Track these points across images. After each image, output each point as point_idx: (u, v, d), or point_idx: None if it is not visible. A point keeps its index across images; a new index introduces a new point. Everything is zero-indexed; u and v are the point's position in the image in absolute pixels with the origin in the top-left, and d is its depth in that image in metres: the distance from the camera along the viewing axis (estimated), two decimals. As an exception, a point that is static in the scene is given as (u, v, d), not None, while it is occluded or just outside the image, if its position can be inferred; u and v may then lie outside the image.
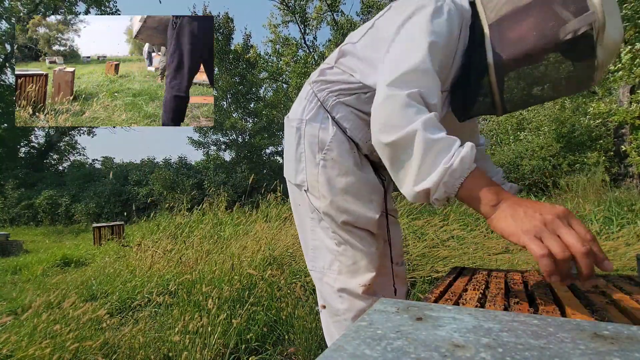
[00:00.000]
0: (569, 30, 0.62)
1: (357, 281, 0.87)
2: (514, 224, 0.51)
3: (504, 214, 0.53)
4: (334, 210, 0.86)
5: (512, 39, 0.69)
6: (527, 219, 0.50)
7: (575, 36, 0.61)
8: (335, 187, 0.85)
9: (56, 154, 17.13)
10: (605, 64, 0.63)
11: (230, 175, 10.97)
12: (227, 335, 1.65)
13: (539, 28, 0.65)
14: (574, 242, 0.46)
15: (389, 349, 0.31)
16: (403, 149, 0.62)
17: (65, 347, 1.43)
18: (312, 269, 0.95)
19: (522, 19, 0.68)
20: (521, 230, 0.50)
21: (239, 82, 12.24)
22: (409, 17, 0.73)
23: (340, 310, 0.89)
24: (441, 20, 0.71)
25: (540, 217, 0.49)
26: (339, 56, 0.88)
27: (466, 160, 0.57)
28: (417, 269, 2.47)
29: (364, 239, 0.87)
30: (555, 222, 0.49)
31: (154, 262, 2.90)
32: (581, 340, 0.30)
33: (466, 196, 0.58)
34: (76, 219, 11.09)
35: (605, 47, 0.61)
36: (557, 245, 0.46)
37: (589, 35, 0.61)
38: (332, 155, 0.85)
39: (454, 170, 0.56)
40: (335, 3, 13.56)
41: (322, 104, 0.87)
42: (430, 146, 0.58)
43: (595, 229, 3.04)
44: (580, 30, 0.61)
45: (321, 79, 0.89)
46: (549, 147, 7.47)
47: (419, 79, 0.65)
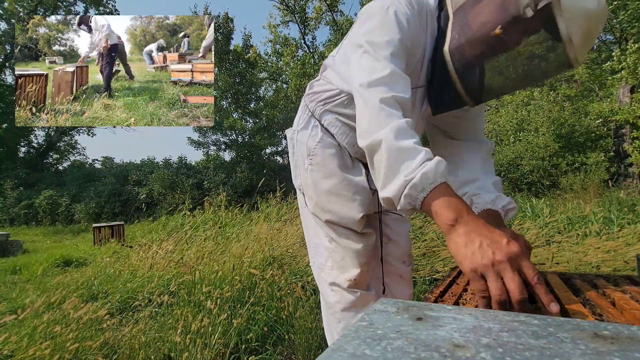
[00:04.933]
0: (525, 3, 0.59)
1: (345, 276, 0.93)
2: (465, 254, 0.52)
3: (459, 239, 0.53)
4: (319, 210, 0.94)
5: (474, 21, 0.68)
6: (479, 254, 0.50)
7: (536, 10, 0.58)
8: (319, 188, 0.93)
9: (56, 154, 17.12)
10: (579, 37, 0.57)
11: (230, 175, 10.97)
12: (228, 335, 1.65)
13: (499, 6, 0.63)
14: (513, 288, 0.47)
15: (389, 349, 0.31)
16: (374, 153, 0.63)
17: (66, 348, 1.43)
18: (313, 265, 1.04)
19: (484, 3, 0.67)
20: (470, 264, 0.51)
21: (239, 82, 12.24)
22: (363, 24, 0.76)
23: (332, 303, 0.97)
24: (391, 22, 0.71)
25: (492, 256, 0.50)
26: (323, 69, 0.97)
27: (429, 176, 0.56)
28: (417, 269, 2.47)
29: (349, 237, 0.93)
30: (502, 265, 0.49)
31: (154, 262, 2.90)
32: (581, 340, 0.30)
33: (427, 211, 0.58)
34: (76, 219, 11.09)
35: (571, 18, 0.56)
36: (497, 288, 0.48)
37: (549, 8, 0.57)
38: (317, 159, 0.93)
39: (415, 184, 0.57)
40: (334, 3, 13.56)
41: (312, 113, 0.96)
42: (394, 154, 0.59)
43: (595, 229, 3.04)
44: (540, 2, 0.57)
45: (311, 91, 0.98)
46: (548, 147, 7.47)
47: (389, 82, 0.66)
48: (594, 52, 9.70)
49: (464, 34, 0.69)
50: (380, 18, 0.72)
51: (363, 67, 0.70)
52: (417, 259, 2.61)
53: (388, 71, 0.67)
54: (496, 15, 0.64)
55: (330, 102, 0.92)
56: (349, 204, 0.90)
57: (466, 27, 0.69)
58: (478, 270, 0.50)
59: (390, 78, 0.67)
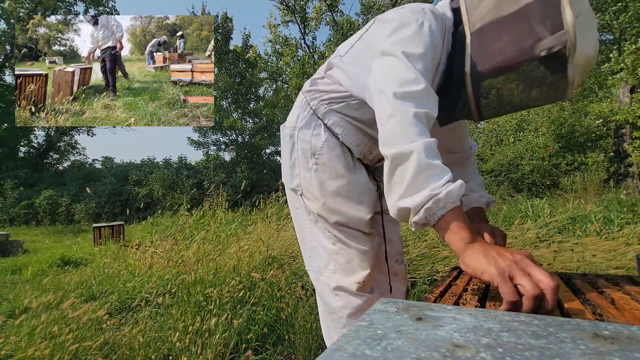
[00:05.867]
0: (543, 47, 0.64)
1: (352, 279, 0.91)
2: (486, 263, 0.54)
3: (476, 253, 0.57)
4: (326, 211, 0.91)
5: (491, 49, 0.70)
6: (500, 259, 0.53)
7: (549, 53, 0.63)
8: (326, 189, 0.91)
9: (56, 154, 17.12)
10: (577, 79, 0.64)
11: (230, 175, 10.97)
12: (228, 335, 1.65)
13: (516, 42, 0.67)
14: (543, 277, 0.49)
15: (389, 349, 0.31)
16: (399, 163, 0.65)
17: (65, 348, 1.43)
18: (310, 269, 1.00)
19: (502, 30, 0.69)
20: (495, 268, 0.52)
21: (239, 82, 12.24)
22: (393, 33, 0.75)
23: (337, 308, 0.93)
24: (425, 36, 0.73)
25: (512, 257, 0.53)
26: (328, 68, 0.94)
27: (453, 194, 0.59)
28: (417, 269, 2.47)
29: (357, 238, 0.91)
30: (525, 261, 0.52)
31: (153, 262, 2.90)
32: (581, 340, 0.30)
33: (444, 228, 0.61)
34: (76, 219, 11.09)
35: (576, 65, 0.62)
36: (529, 282, 0.50)
37: (562, 53, 0.62)
38: (324, 159, 0.91)
39: (438, 199, 0.59)
40: (334, 3, 13.56)
41: (314, 111, 0.94)
42: (423, 168, 0.61)
43: (595, 229, 3.04)
44: (555, 48, 0.62)
45: (313, 88, 0.95)
46: (547, 147, 7.47)
47: (424, 98, 0.68)
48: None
49: (482, 58, 0.71)
50: (415, 30, 0.73)
51: (395, 75, 0.70)
52: (417, 259, 2.61)
53: (423, 86, 0.68)
54: (512, 47, 0.67)
55: (337, 103, 0.90)
56: (356, 205, 0.90)
57: (484, 53, 0.71)
58: (505, 271, 0.51)
59: (423, 93, 0.68)
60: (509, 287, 0.50)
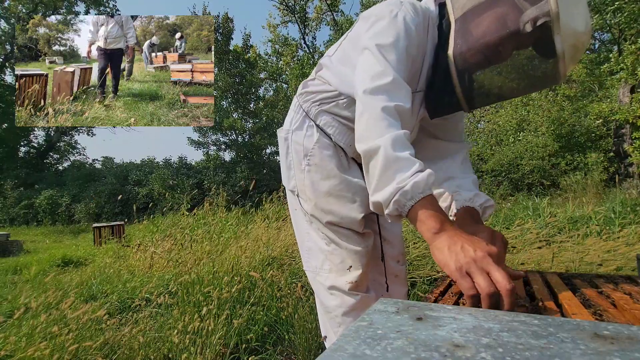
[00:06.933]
0: (526, 19, 0.63)
1: (345, 278, 0.91)
2: (449, 256, 0.55)
3: (442, 244, 0.57)
4: (318, 211, 0.92)
5: (475, 30, 0.70)
6: (462, 253, 0.54)
7: (534, 27, 0.62)
8: (318, 190, 0.91)
9: (56, 154, 17.12)
10: (568, 54, 0.62)
11: (230, 175, 10.96)
12: (228, 335, 1.65)
13: (500, 19, 0.67)
14: (500, 279, 0.50)
15: (389, 349, 0.31)
16: (370, 159, 0.66)
17: (65, 348, 1.42)
18: (307, 269, 1.01)
19: (485, 11, 0.69)
20: (454, 264, 0.54)
21: (239, 82, 12.24)
22: (370, 27, 0.76)
23: (332, 307, 0.94)
24: (398, 26, 0.73)
25: (474, 253, 0.53)
26: (318, 69, 0.95)
27: (420, 185, 0.59)
28: (417, 269, 2.47)
29: (350, 238, 0.92)
30: (486, 260, 0.53)
31: (153, 262, 2.90)
32: (581, 340, 0.30)
33: (414, 219, 0.61)
34: (76, 219, 11.09)
35: (564, 36, 0.61)
36: (484, 280, 0.51)
37: (547, 26, 0.61)
38: (315, 160, 0.91)
39: (405, 191, 0.60)
40: (335, 3, 13.56)
41: (306, 113, 0.95)
42: (391, 162, 0.62)
43: (596, 229, 3.04)
44: (539, 20, 0.61)
45: (305, 90, 0.96)
46: (547, 147, 7.47)
47: (394, 90, 0.68)
48: (594, 52, 9.70)
49: (466, 41, 0.71)
50: (389, 22, 0.73)
51: (367, 71, 0.71)
52: (417, 259, 2.61)
53: (390, 78, 0.68)
54: (495, 27, 0.67)
55: (327, 103, 0.91)
56: (349, 204, 0.90)
57: (468, 35, 0.71)
58: (463, 268, 0.53)
59: (392, 86, 0.68)
60: (467, 282, 0.52)
